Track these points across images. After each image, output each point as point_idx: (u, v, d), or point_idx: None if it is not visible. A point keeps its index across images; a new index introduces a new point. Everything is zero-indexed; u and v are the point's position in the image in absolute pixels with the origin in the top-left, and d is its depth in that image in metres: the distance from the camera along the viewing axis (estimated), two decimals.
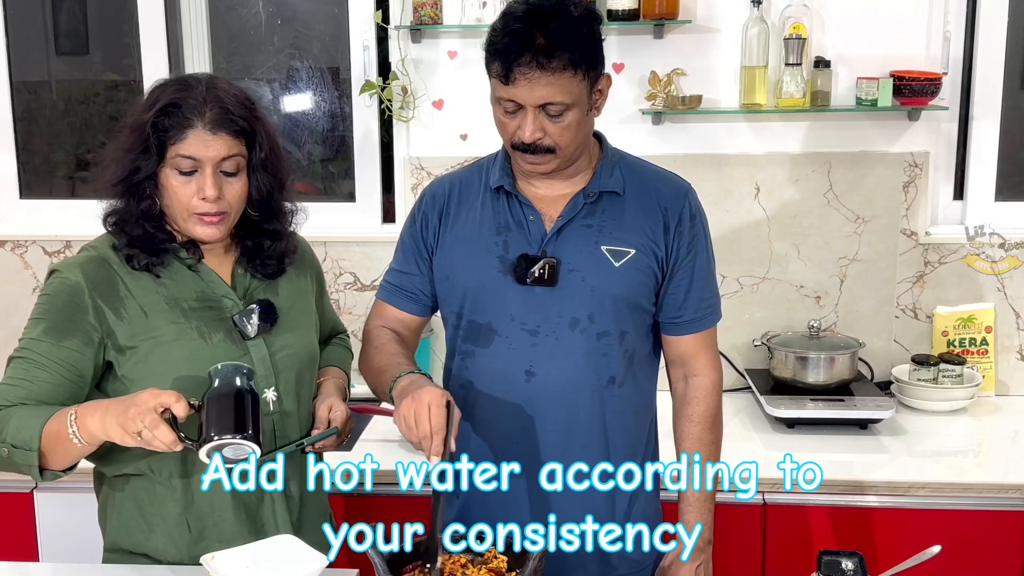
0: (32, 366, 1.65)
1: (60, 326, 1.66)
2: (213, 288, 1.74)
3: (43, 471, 1.62)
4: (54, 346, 1.65)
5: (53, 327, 1.66)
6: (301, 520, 1.81)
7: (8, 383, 1.66)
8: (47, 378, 1.65)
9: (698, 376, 1.86)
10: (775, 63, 2.76)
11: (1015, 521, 2.27)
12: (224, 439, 1.51)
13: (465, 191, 1.86)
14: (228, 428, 1.51)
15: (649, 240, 1.78)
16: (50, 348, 1.65)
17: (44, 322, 1.67)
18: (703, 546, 1.85)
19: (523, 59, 1.63)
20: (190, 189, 1.65)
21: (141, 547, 1.74)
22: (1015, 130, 2.96)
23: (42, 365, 1.65)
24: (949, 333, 2.85)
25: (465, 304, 1.81)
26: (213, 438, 1.51)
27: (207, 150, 1.64)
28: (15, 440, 1.60)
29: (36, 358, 1.65)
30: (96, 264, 1.70)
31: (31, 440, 1.59)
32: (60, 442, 1.58)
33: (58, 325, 1.66)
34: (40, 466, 1.61)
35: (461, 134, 2.89)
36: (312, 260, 1.94)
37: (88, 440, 1.56)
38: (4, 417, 1.63)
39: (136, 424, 1.49)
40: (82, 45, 3.33)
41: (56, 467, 1.63)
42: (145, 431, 1.49)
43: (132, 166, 1.66)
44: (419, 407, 1.59)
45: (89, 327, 1.66)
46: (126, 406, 1.51)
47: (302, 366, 1.80)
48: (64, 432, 1.56)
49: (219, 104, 1.65)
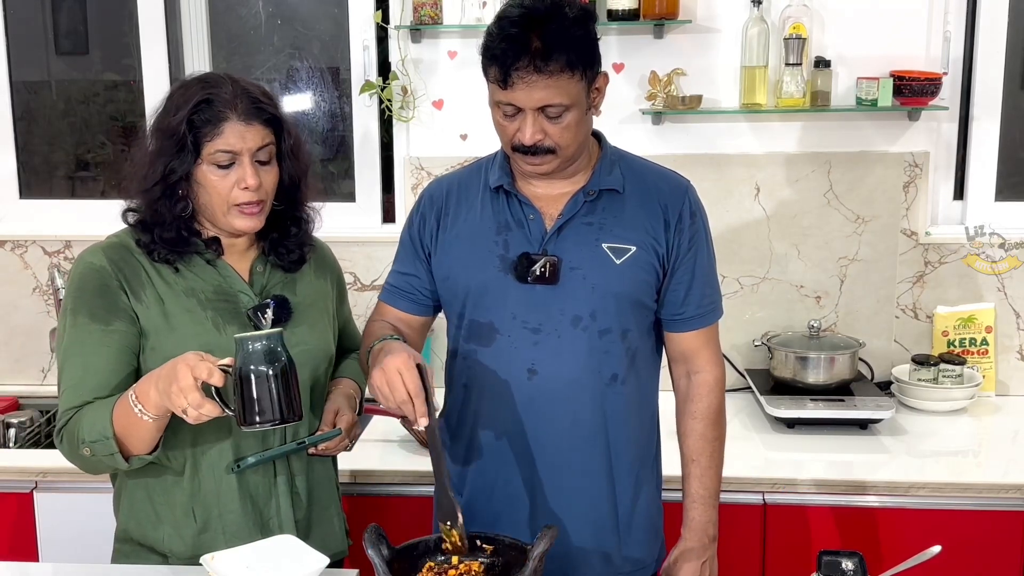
0: (87, 359, 1.66)
1: (101, 311, 1.67)
2: (230, 283, 1.76)
3: (128, 458, 1.63)
4: (104, 332, 1.66)
5: (94, 314, 1.67)
6: (309, 518, 1.82)
7: (68, 387, 1.67)
8: (104, 365, 1.66)
9: (701, 373, 1.86)
10: (775, 63, 2.76)
11: (1015, 521, 2.27)
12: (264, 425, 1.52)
13: (464, 191, 1.86)
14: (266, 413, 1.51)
15: (650, 237, 1.78)
16: (101, 334, 1.66)
17: (83, 311, 1.67)
18: (708, 544, 1.85)
19: (520, 63, 1.63)
20: (229, 182, 1.68)
21: (148, 538, 1.75)
22: (1015, 130, 2.96)
23: (98, 354, 1.66)
24: (949, 333, 2.85)
25: (466, 304, 1.81)
26: (255, 424, 1.52)
27: (244, 141, 1.67)
28: (91, 436, 1.61)
29: (89, 350, 1.66)
30: (118, 249, 1.73)
31: (105, 429, 1.60)
32: (132, 424, 1.58)
33: (98, 310, 1.67)
34: (124, 453, 1.62)
35: (461, 134, 2.89)
36: (333, 264, 1.96)
37: (156, 412, 1.56)
38: (76, 420, 1.64)
39: (181, 401, 1.50)
40: (82, 45, 3.34)
41: (138, 451, 1.63)
42: (191, 410, 1.50)
43: (167, 168, 1.67)
44: (390, 375, 1.57)
45: (125, 306, 1.68)
46: (168, 382, 1.51)
47: (316, 363, 1.81)
48: (132, 413, 1.57)
49: (248, 95, 1.69)
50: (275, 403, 1.51)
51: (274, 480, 1.77)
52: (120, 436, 1.60)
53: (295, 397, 1.55)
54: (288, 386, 1.53)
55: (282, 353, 1.53)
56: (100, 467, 1.66)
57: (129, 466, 1.64)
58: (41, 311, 3.02)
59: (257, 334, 1.53)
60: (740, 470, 2.29)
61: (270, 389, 1.51)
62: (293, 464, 1.80)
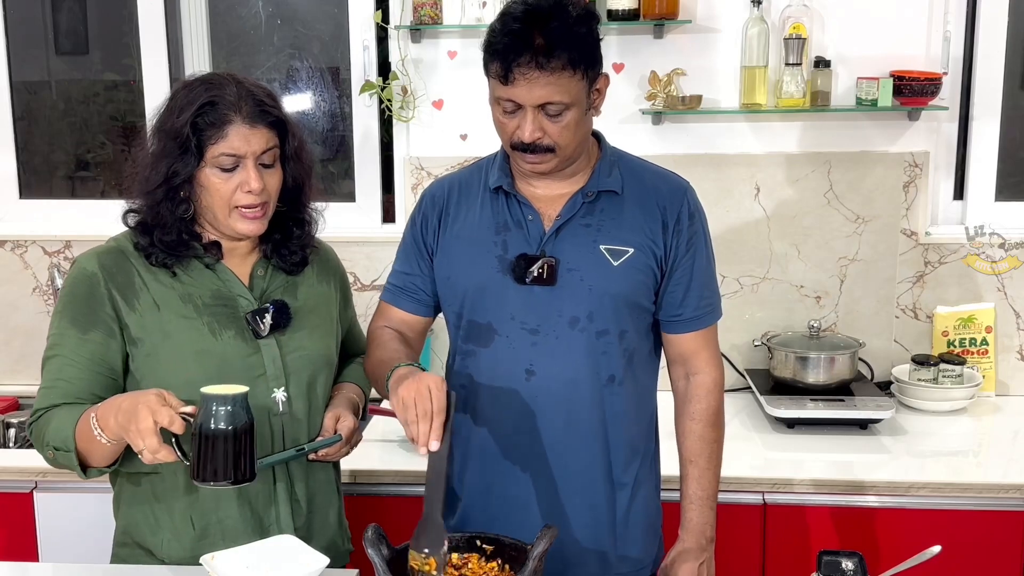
0: (63, 363, 1.67)
1: (82, 318, 1.67)
2: (229, 287, 1.75)
3: (87, 469, 1.64)
4: (80, 340, 1.67)
5: (75, 320, 1.67)
6: (310, 524, 1.81)
7: (45, 386, 1.68)
8: (78, 375, 1.66)
9: (699, 374, 1.86)
10: (775, 63, 2.76)
11: (1015, 521, 2.27)
12: (217, 485, 1.52)
13: (464, 192, 1.86)
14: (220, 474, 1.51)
15: (648, 239, 1.78)
16: (77, 343, 1.66)
17: (67, 315, 1.68)
18: (705, 545, 1.85)
19: (522, 59, 1.63)
20: (232, 185, 1.67)
21: (147, 543, 1.75)
22: (1015, 130, 2.96)
23: (72, 361, 1.66)
24: (949, 333, 2.85)
25: (465, 304, 1.81)
26: (208, 482, 1.52)
27: (248, 144, 1.66)
28: (56, 442, 1.62)
29: (66, 354, 1.67)
30: (113, 255, 1.72)
31: (67, 441, 1.61)
32: (91, 442, 1.59)
33: (80, 317, 1.67)
34: (83, 464, 1.63)
35: (461, 134, 2.89)
36: (337, 268, 1.95)
37: (113, 438, 1.56)
38: (46, 420, 1.65)
39: (138, 443, 1.50)
40: (82, 45, 3.33)
41: (97, 464, 1.64)
42: (147, 452, 1.50)
43: (170, 170, 1.66)
44: (420, 388, 1.56)
45: (108, 317, 1.68)
46: (127, 419, 1.51)
47: (315, 369, 1.80)
48: (91, 432, 1.57)
49: (252, 98, 1.68)
50: (229, 466, 1.51)
51: (273, 487, 1.76)
52: (80, 450, 1.61)
53: (251, 459, 1.54)
54: (245, 449, 1.52)
55: (244, 415, 1.52)
56: (64, 468, 1.67)
57: (87, 476, 1.66)
58: (41, 311, 3.02)
59: (223, 395, 1.51)
60: (740, 470, 2.30)
61: (226, 452, 1.50)
62: (293, 470, 1.78)
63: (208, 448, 1.50)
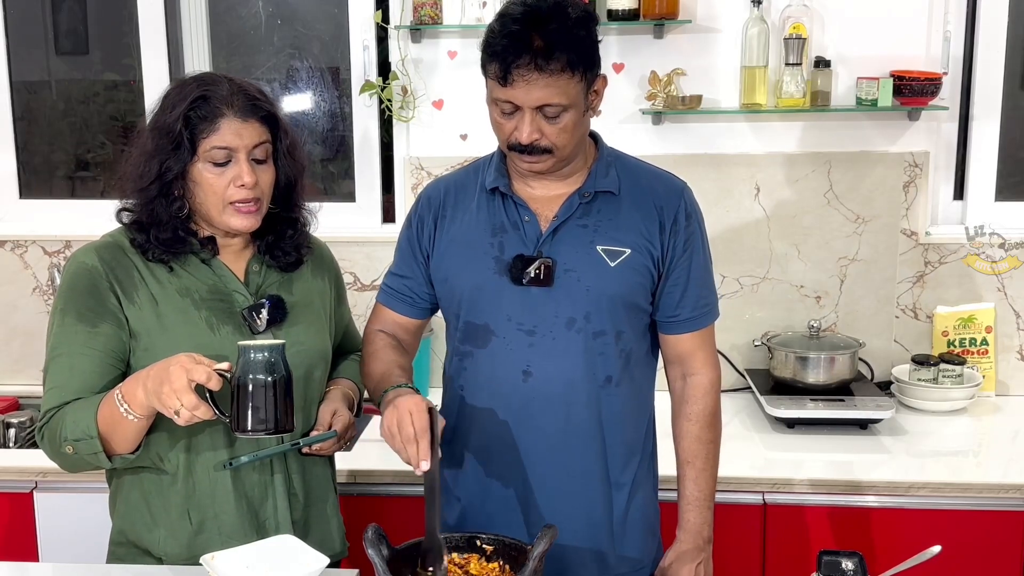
0: (73, 360, 1.65)
1: (89, 312, 1.66)
2: (225, 282, 1.76)
3: (111, 457, 1.63)
4: (90, 334, 1.66)
5: (82, 315, 1.66)
6: (307, 518, 1.82)
7: (54, 386, 1.66)
8: (90, 367, 1.65)
9: (696, 375, 1.86)
10: (775, 63, 2.75)
11: (1015, 521, 2.27)
12: (258, 434, 1.53)
13: (461, 193, 1.85)
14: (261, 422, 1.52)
15: (644, 239, 1.78)
16: (87, 336, 1.66)
17: (72, 311, 1.67)
18: (703, 545, 1.85)
19: (521, 60, 1.62)
20: (224, 180, 1.68)
21: (143, 541, 1.74)
22: (1015, 130, 2.96)
23: (82, 354, 1.65)
24: (949, 333, 2.85)
25: (462, 305, 1.81)
26: (248, 432, 1.52)
27: (240, 138, 1.67)
28: (75, 434, 1.61)
29: (75, 351, 1.65)
30: (111, 249, 1.72)
31: (90, 428, 1.59)
32: (117, 423, 1.58)
33: (86, 312, 1.67)
34: (107, 452, 1.62)
35: (461, 134, 2.89)
36: (331, 264, 1.95)
37: (141, 413, 1.56)
38: (59, 418, 1.63)
39: (173, 402, 1.49)
40: (82, 45, 3.33)
41: (122, 450, 1.63)
42: (183, 411, 1.50)
43: (163, 166, 1.67)
44: (400, 414, 1.59)
45: (114, 308, 1.68)
46: (159, 383, 1.51)
47: (311, 364, 1.80)
48: (117, 412, 1.57)
49: (244, 93, 1.69)
50: (270, 412, 1.52)
51: (271, 480, 1.77)
52: (104, 435, 1.60)
53: (290, 408, 1.55)
54: (285, 397, 1.54)
55: (282, 365, 1.54)
56: (82, 465, 1.66)
57: (112, 465, 1.64)
58: (41, 311, 3.02)
59: (260, 344, 1.53)
60: (740, 470, 2.30)
61: (267, 398, 1.52)
62: (290, 464, 1.79)
63: (247, 397, 1.51)
